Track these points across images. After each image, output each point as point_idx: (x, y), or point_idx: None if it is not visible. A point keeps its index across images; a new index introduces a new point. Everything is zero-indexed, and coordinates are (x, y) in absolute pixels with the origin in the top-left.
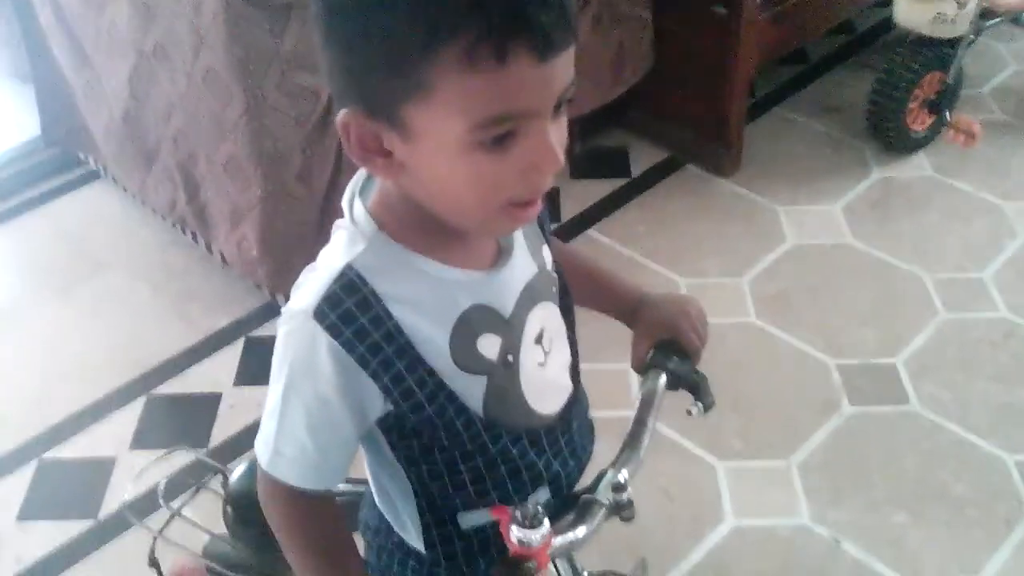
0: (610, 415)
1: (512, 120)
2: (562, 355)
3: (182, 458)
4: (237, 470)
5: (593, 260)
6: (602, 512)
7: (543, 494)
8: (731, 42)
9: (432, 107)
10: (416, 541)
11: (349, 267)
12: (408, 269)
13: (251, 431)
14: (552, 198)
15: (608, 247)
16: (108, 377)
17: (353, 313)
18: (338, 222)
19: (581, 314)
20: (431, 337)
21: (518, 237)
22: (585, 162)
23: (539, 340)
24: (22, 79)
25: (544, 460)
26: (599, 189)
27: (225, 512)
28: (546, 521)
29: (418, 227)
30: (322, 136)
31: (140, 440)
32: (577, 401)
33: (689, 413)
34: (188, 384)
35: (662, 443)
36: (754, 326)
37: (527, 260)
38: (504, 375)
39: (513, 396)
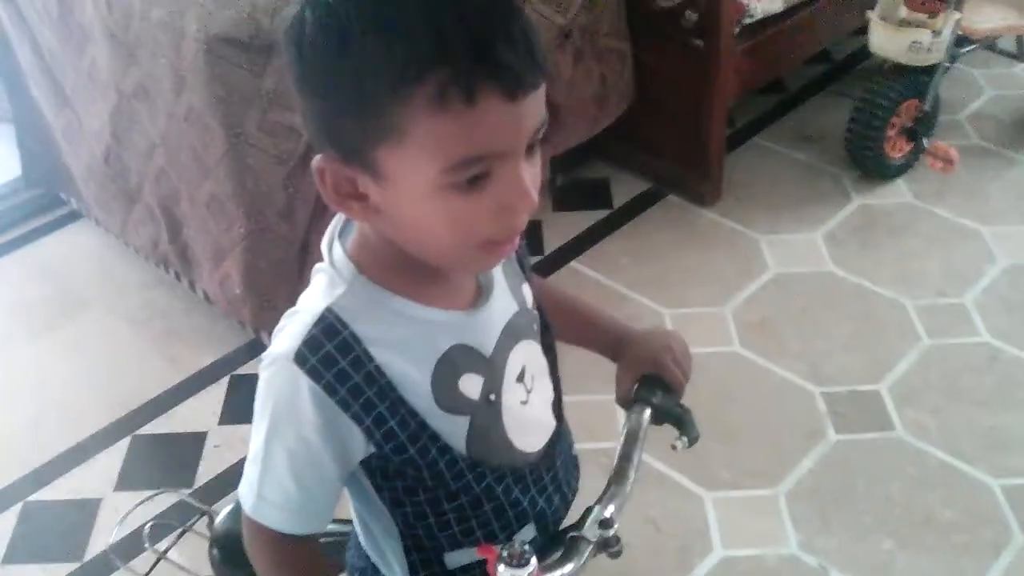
0: (596, 447)
1: (484, 161)
2: (545, 392)
3: (167, 499)
4: (223, 511)
5: (575, 296)
6: (589, 549)
7: (529, 532)
8: (709, 74)
9: (404, 150)
10: None
11: (328, 310)
12: (388, 311)
13: (237, 470)
14: (534, 231)
15: (591, 278)
16: (92, 418)
17: (333, 356)
18: (318, 265)
19: (565, 346)
20: (412, 378)
21: (498, 276)
22: (567, 194)
23: (521, 378)
24: (2, 119)
25: (529, 498)
26: (581, 221)
27: (211, 554)
28: (533, 559)
29: (397, 268)
30: (304, 173)
31: (125, 481)
32: (561, 438)
33: (674, 448)
34: (173, 424)
35: (649, 474)
36: (738, 355)
37: (507, 299)
38: (487, 414)
39: (496, 435)
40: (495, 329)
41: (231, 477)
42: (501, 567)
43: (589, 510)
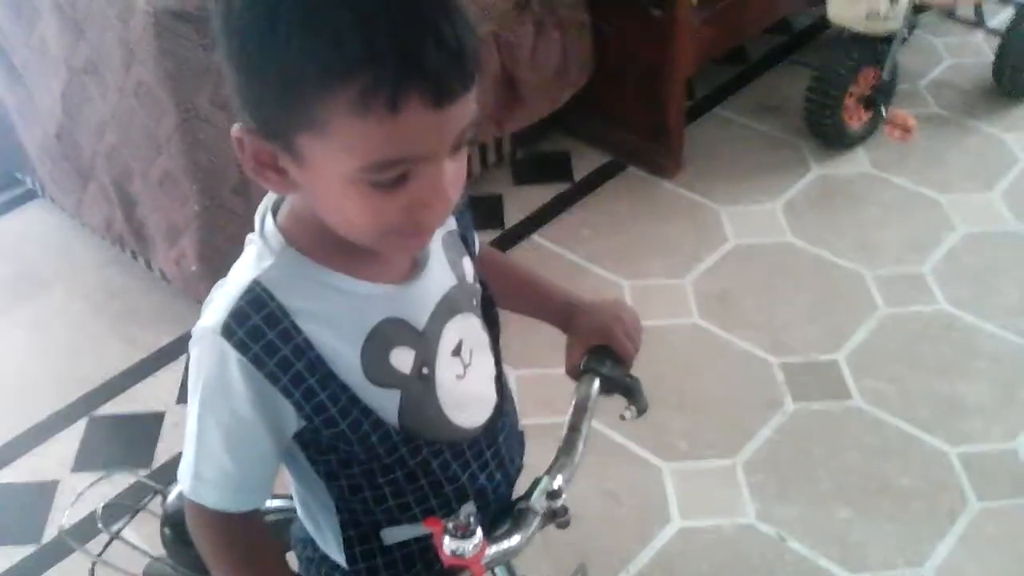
0: (550, 421)
1: (405, 163)
2: (484, 367)
3: (124, 480)
4: (174, 490)
5: (526, 268)
6: (537, 520)
7: (468, 508)
8: (667, 44)
9: (325, 142)
10: (338, 556)
11: (256, 282)
12: (317, 284)
13: None
14: (495, 204)
15: (552, 251)
16: (49, 399)
17: (261, 328)
18: (249, 236)
19: (519, 319)
20: (342, 351)
21: (435, 249)
22: (527, 167)
23: (457, 352)
24: None
25: (468, 474)
26: (542, 194)
27: (163, 533)
28: (479, 531)
29: (328, 242)
30: None
31: (83, 462)
32: (503, 414)
33: (623, 418)
34: (131, 403)
35: (607, 446)
36: (697, 326)
37: (445, 272)
38: (419, 388)
39: (430, 409)
40: (429, 302)
41: None
42: (447, 539)
43: (537, 481)
